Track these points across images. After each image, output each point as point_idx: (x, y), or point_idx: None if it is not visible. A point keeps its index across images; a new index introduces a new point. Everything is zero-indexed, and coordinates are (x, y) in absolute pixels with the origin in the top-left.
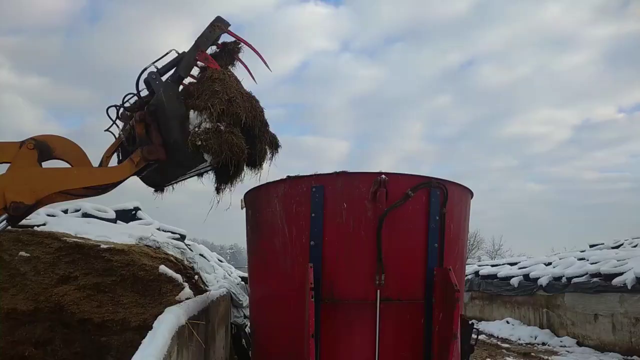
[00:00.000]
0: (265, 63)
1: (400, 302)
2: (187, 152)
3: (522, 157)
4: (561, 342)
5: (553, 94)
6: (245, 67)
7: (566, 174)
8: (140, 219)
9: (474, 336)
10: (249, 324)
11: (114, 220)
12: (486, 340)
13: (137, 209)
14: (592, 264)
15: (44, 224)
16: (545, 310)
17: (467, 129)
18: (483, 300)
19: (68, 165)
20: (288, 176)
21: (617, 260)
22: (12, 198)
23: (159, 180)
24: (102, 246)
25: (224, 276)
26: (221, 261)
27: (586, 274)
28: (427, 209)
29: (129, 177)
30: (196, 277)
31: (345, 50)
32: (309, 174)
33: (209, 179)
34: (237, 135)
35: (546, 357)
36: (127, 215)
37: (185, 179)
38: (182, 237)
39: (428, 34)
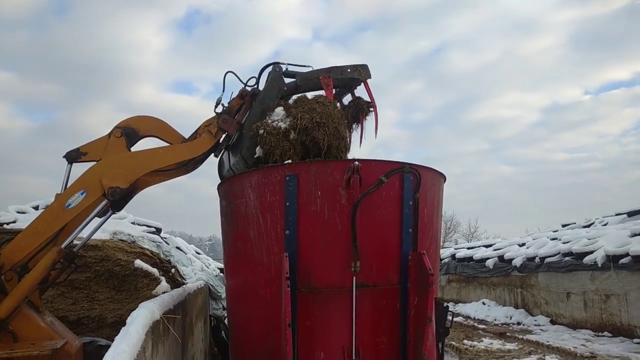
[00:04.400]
0: (376, 128)
1: (376, 287)
2: (246, 136)
3: (493, 141)
4: (535, 321)
5: (520, 77)
6: (362, 132)
7: (536, 156)
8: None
9: (449, 318)
10: None
11: None
12: (463, 322)
13: None
14: (564, 243)
15: (14, 222)
16: (520, 290)
17: (439, 114)
18: (460, 283)
19: (162, 143)
20: (261, 165)
21: (588, 239)
22: (108, 184)
23: (226, 172)
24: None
25: (201, 268)
26: (199, 253)
27: (558, 253)
28: (401, 195)
29: (210, 150)
30: (173, 270)
31: (317, 39)
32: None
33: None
34: (297, 150)
35: (521, 337)
36: None
37: None
38: (158, 231)
39: (398, 21)
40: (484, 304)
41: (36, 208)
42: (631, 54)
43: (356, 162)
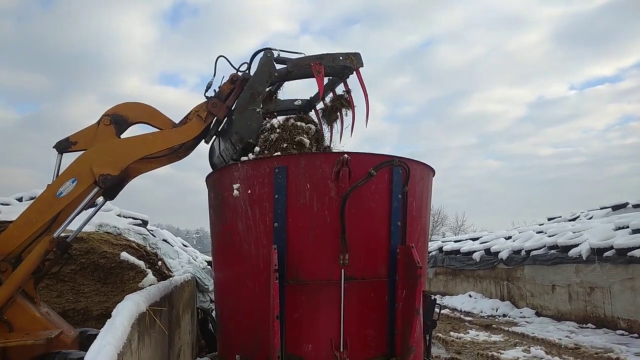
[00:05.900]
0: (366, 118)
1: (365, 280)
2: (240, 122)
3: (481, 135)
4: (521, 313)
5: (507, 72)
6: (342, 128)
7: (523, 150)
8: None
9: (436, 311)
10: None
11: None
12: (450, 314)
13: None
14: (549, 236)
15: None
16: (506, 282)
17: (427, 109)
18: (447, 275)
19: (152, 129)
20: (249, 157)
21: (573, 233)
22: (99, 171)
23: (216, 159)
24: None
25: (188, 261)
26: (186, 246)
27: (544, 246)
28: (390, 188)
29: (201, 135)
30: (159, 263)
31: (305, 31)
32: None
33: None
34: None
35: (506, 328)
36: None
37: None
38: (144, 223)
39: (386, 15)
40: (470, 296)
41: (20, 200)
42: (615, 50)
43: (345, 155)
